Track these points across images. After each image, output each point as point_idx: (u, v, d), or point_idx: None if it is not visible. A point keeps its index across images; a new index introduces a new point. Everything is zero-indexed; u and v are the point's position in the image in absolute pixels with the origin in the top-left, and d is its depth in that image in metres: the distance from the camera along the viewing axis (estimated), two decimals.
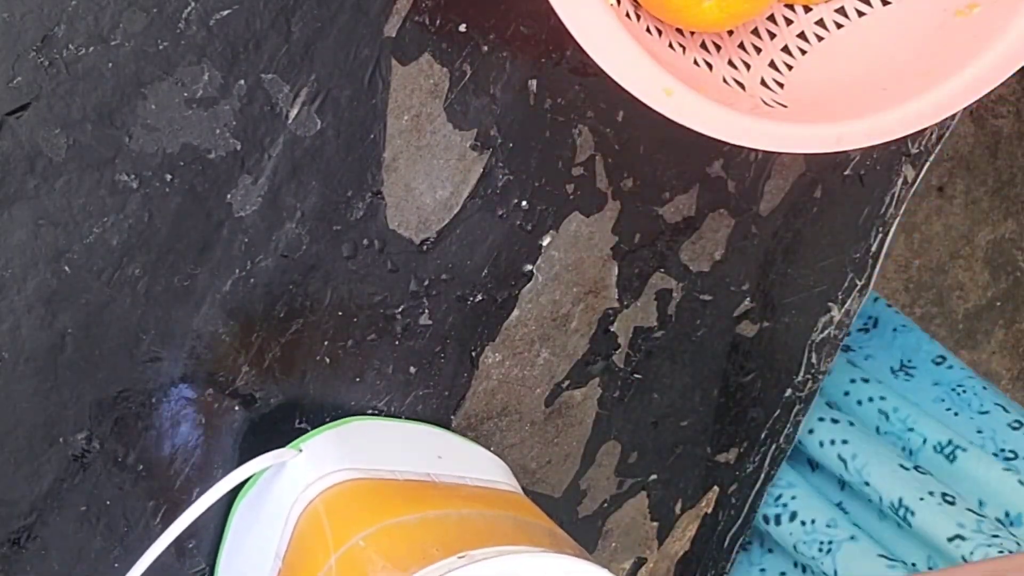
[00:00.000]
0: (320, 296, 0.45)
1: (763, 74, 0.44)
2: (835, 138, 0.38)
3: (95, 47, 0.38)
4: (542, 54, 0.45)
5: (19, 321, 0.40)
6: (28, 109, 0.38)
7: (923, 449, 0.63)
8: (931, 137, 0.55)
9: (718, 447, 0.58)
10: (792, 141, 0.38)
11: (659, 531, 0.58)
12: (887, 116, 0.38)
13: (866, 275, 0.57)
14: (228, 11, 0.39)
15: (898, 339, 0.74)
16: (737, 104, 0.38)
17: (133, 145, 0.40)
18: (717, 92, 0.39)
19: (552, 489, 0.54)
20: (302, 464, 0.43)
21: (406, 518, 0.39)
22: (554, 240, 0.49)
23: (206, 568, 0.46)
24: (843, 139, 0.38)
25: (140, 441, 0.43)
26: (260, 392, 0.45)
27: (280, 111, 0.41)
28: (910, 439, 0.64)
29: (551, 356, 0.51)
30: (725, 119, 0.37)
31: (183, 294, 0.42)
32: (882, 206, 0.56)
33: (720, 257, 0.53)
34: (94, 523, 0.44)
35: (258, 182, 0.42)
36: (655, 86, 0.35)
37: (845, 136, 0.38)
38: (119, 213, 0.40)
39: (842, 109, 0.39)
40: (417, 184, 0.45)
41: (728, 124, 0.37)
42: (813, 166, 0.53)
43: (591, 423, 0.53)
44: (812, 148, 0.38)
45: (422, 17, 0.42)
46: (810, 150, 0.38)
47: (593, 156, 0.48)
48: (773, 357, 0.57)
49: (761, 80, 0.44)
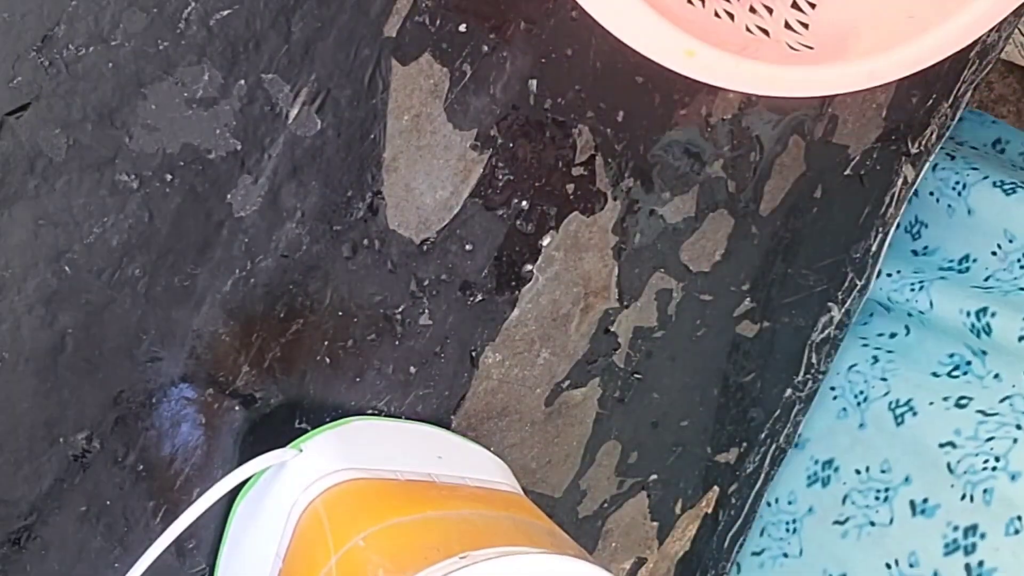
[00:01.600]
0: (320, 296, 0.45)
1: (786, 16, 0.43)
2: (866, 75, 0.37)
3: (95, 47, 0.38)
4: (542, 54, 0.45)
5: (19, 321, 0.40)
6: (28, 109, 0.38)
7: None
8: (931, 137, 0.55)
9: (718, 447, 0.58)
10: (822, 84, 0.37)
11: (659, 531, 0.58)
12: (916, 45, 0.37)
13: (866, 275, 0.57)
14: (228, 11, 0.39)
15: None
16: (763, 54, 0.37)
17: (133, 145, 0.40)
18: (741, 44, 0.38)
19: (552, 489, 0.54)
20: (302, 464, 0.43)
21: (407, 518, 0.39)
22: (554, 240, 0.48)
23: (206, 568, 0.46)
24: (874, 74, 0.37)
25: (140, 441, 0.43)
26: (260, 392, 0.45)
27: (280, 111, 0.41)
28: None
29: (551, 356, 0.51)
30: (751, 71, 0.35)
31: (183, 294, 0.42)
32: (882, 206, 0.56)
33: (720, 257, 0.53)
34: (94, 523, 0.44)
35: (258, 182, 0.42)
36: (676, 49, 0.34)
37: (876, 71, 0.37)
38: (119, 213, 0.40)
39: (870, 43, 0.38)
40: (417, 184, 0.45)
41: (755, 76, 0.36)
42: (813, 166, 0.53)
43: (591, 423, 0.53)
44: (843, 88, 0.37)
45: (422, 17, 0.42)
46: (841, 90, 0.37)
47: (593, 156, 0.48)
48: (773, 357, 0.57)
49: (785, 23, 0.42)
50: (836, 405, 0.61)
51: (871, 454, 0.58)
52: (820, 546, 0.59)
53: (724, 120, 0.50)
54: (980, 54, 0.54)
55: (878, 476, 0.57)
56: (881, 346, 0.62)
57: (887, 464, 0.57)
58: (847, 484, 0.58)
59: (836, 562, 0.57)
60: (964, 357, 0.57)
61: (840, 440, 0.60)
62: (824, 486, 0.60)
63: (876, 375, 0.60)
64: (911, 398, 0.57)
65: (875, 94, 0.52)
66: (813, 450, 0.61)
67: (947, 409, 0.55)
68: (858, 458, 0.58)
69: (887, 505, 0.56)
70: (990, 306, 0.55)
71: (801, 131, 0.52)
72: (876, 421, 0.58)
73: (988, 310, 0.55)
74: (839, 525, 0.58)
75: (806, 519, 0.60)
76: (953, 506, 0.52)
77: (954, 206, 0.62)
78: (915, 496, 0.54)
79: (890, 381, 0.59)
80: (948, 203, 0.62)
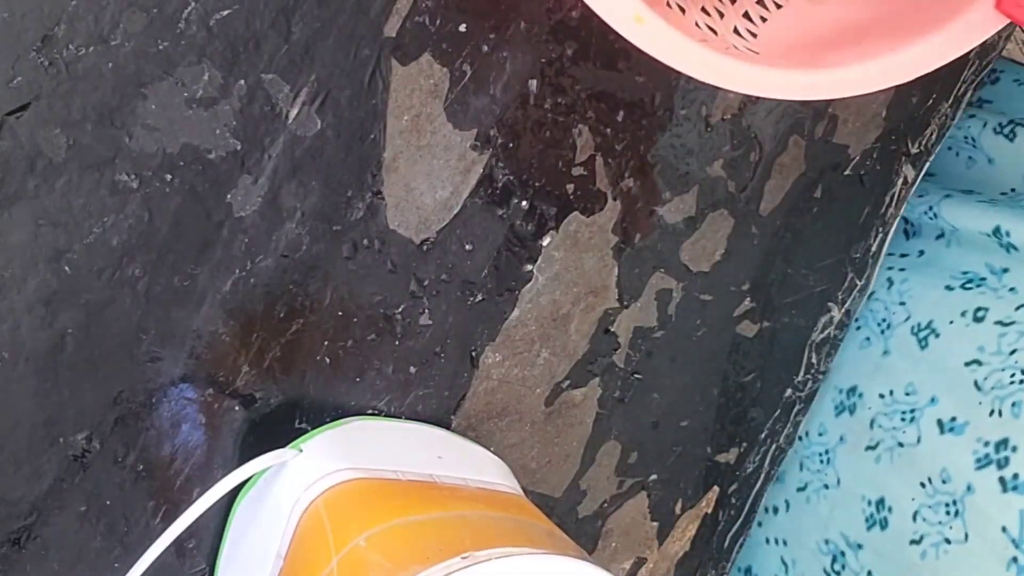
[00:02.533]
0: (320, 296, 0.45)
1: (736, 23, 0.43)
2: (806, 86, 0.38)
3: (95, 47, 0.38)
4: (542, 54, 0.45)
5: (19, 321, 0.40)
6: (28, 109, 0.38)
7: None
8: (931, 137, 0.55)
9: (718, 447, 0.58)
10: (764, 85, 0.37)
11: (659, 531, 0.58)
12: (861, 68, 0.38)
13: (866, 275, 0.57)
14: (228, 11, 0.39)
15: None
16: (710, 45, 0.38)
17: (133, 145, 0.40)
18: (689, 32, 0.39)
19: (552, 489, 0.54)
20: (303, 464, 0.43)
21: (409, 519, 0.39)
22: (554, 240, 0.48)
23: (206, 568, 0.46)
24: (814, 87, 0.38)
25: (140, 441, 0.43)
26: (260, 392, 0.45)
27: (280, 111, 0.41)
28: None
29: (551, 356, 0.51)
30: (700, 55, 0.35)
31: (183, 294, 0.42)
32: (882, 206, 0.56)
33: (720, 257, 0.53)
34: (94, 523, 0.44)
35: (258, 182, 0.42)
36: (626, 11, 0.33)
37: (816, 84, 0.38)
38: (119, 213, 0.40)
39: (814, 61, 0.39)
40: (417, 184, 0.45)
41: (703, 61, 0.35)
42: (813, 166, 0.53)
43: (591, 423, 0.53)
44: (782, 94, 0.38)
45: (422, 17, 0.42)
46: (780, 96, 0.38)
47: (593, 156, 0.48)
48: (773, 357, 0.57)
49: (734, 29, 0.43)
50: (860, 335, 0.62)
51: (894, 378, 0.58)
52: (856, 473, 0.59)
53: (724, 120, 0.50)
54: (980, 54, 0.54)
55: (903, 399, 0.57)
56: (893, 265, 0.62)
57: (911, 387, 0.57)
58: (872, 408, 0.59)
59: (873, 487, 0.57)
60: (979, 273, 0.57)
61: (862, 367, 0.61)
62: (851, 414, 0.60)
63: (895, 299, 0.60)
64: (931, 319, 0.57)
65: (875, 94, 0.52)
66: (836, 379, 0.62)
67: (967, 326, 0.55)
68: (880, 383, 0.59)
69: (914, 425, 0.56)
70: (1002, 224, 0.55)
71: (801, 131, 0.52)
72: (900, 347, 0.59)
73: (1002, 228, 0.55)
74: (871, 451, 0.58)
75: (838, 448, 0.61)
76: (982, 422, 0.52)
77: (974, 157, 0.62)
78: (943, 415, 0.54)
79: (908, 305, 0.59)
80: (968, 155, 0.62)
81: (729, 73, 0.36)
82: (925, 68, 0.38)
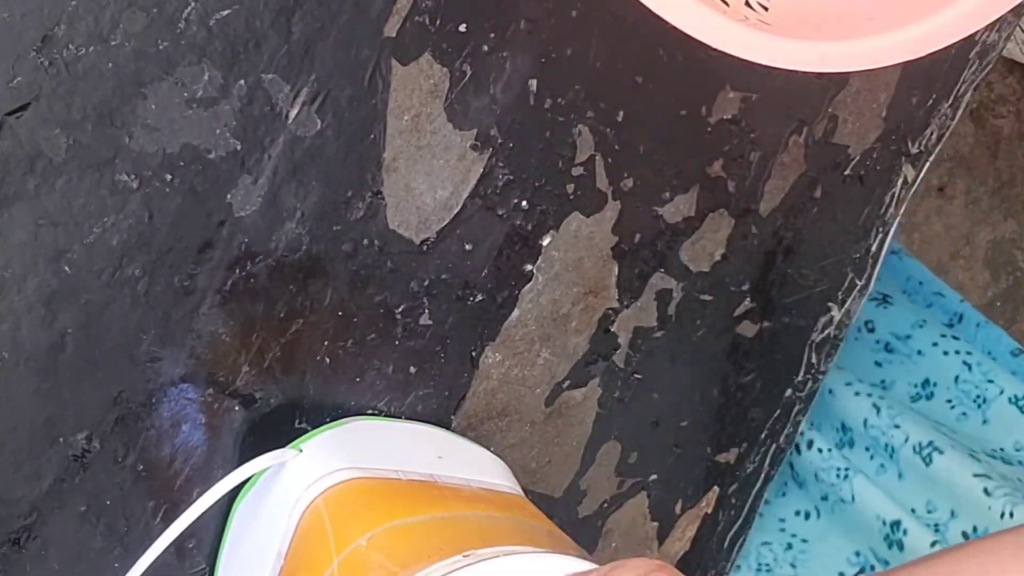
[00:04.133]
0: (320, 296, 0.45)
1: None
2: (819, 56, 0.37)
3: (95, 47, 0.38)
4: (542, 54, 0.45)
5: (19, 321, 0.40)
6: (28, 109, 0.38)
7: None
8: (931, 137, 0.55)
9: (718, 447, 0.58)
10: (777, 54, 0.37)
11: (659, 531, 0.58)
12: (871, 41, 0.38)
13: (866, 275, 0.57)
14: (228, 11, 0.39)
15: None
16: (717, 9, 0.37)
17: (133, 145, 0.40)
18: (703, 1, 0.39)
19: (552, 489, 0.54)
20: (303, 464, 0.43)
21: (411, 519, 0.39)
22: (554, 240, 0.48)
23: (206, 568, 0.46)
24: (826, 58, 0.37)
25: (140, 441, 0.43)
26: (260, 392, 0.45)
27: (280, 111, 0.41)
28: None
29: (551, 356, 0.51)
30: (714, 21, 0.35)
31: (183, 294, 0.42)
32: (882, 206, 0.56)
33: (720, 257, 0.53)
34: (94, 523, 0.44)
35: (258, 182, 0.42)
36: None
37: (828, 55, 0.37)
38: (119, 213, 0.40)
39: (826, 34, 0.38)
40: (417, 184, 0.45)
41: (718, 27, 0.35)
42: (813, 166, 0.53)
43: (591, 423, 0.53)
44: (794, 64, 0.37)
45: (422, 17, 0.42)
46: (792, 66, 0.37)
47: (593, 156, 0.48)
48: (773, 357, 0.57)
49: (746, 2, 0.43)
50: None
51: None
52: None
53: (724, 120, 0.50)
54: (980, 54, 0.54)
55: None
56: (796, 532, 0.64)
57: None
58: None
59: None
60: (868, 560, 0.59)
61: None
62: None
63: (788, 560, 0.62)
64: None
65: (875, 94, 0.52)
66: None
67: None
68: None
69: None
70: (903, 520, 0.58)
71: (801, 131, 0.52)
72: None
73: (901, 524, 0.58)
74: None
75: None
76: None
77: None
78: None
79: (799, 570, 0.62)
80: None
81: (742, 41, 0.36)
82: (937, 44, 0.38)
